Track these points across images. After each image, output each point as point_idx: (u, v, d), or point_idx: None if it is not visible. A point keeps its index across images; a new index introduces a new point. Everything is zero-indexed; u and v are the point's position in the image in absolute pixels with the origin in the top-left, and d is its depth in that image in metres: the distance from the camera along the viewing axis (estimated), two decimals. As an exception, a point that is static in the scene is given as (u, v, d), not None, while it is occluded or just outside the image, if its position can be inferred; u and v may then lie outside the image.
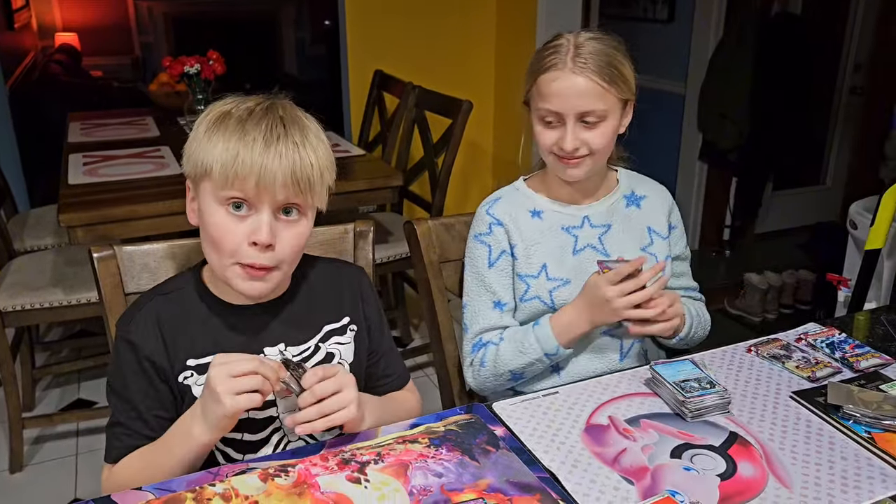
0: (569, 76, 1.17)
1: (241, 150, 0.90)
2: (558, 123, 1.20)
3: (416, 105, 2.72)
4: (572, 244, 1.28)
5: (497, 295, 1.28)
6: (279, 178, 0.91)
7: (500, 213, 1.29)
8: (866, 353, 1.18)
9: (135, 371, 0.98)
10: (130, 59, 6.43)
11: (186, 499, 0.85)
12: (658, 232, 1.34)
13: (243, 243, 0.93)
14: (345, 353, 1.08)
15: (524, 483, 0.89)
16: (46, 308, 2.02)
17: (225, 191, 0.92)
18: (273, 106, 0.95)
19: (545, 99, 1.19)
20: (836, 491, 0.88)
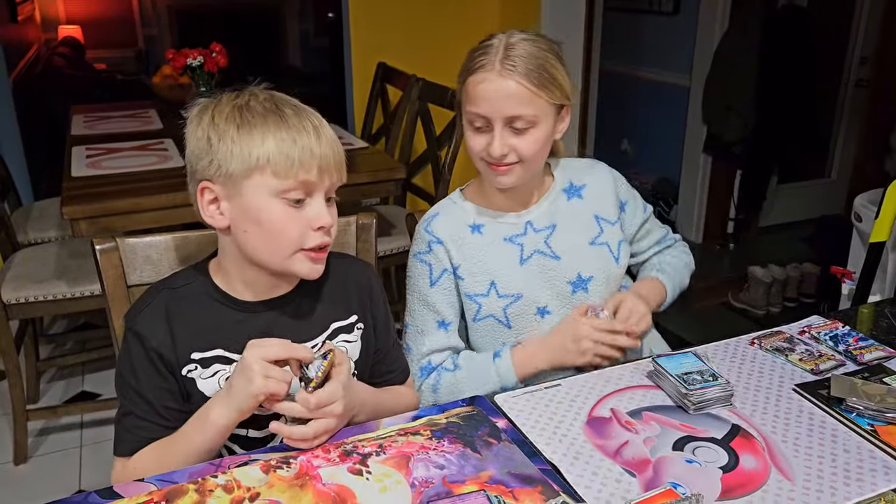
0: (496, 79, 1.12)
1: (297, 138, 0.93)
2: (487, 128, 1.16)
3: (420, 97, 2.71)
4: (518, 254, 1.24)
5: (441, 314, 1.24)
6: (332, 162, 0.95)
7: (439, 231, 1.24)
8: (870, 345, 1.18)
9: (144, 363, 0.98)
10: (134, 52, 6.43)
11: (189, 490, 0.86)
12: (606, 218, 1.30)
13: (307, 230, 0.96)
14: (352, 351, 1.08)
15: (526, 475, 0.89)
16: (50, 300, 2.03)
17: (286, 181, 0.93)
18: (273, 96, 0.98)
19: (473, 102, 1.15)
20: (838, 484, 0.88)
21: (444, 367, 1.25)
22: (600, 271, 1.27)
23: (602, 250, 1.28)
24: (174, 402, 0.99)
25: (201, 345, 0.99)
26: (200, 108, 0.97)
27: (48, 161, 3.01)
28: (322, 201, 0.97)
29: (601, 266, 1.27)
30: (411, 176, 2.71)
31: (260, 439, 1.03)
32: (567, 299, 1.25)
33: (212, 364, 0.99)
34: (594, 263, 1.27)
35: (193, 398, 0.99)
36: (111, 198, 1.87)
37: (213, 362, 0.99)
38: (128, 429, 0.98)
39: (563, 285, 1.25)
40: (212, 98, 0.97)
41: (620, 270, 1.30)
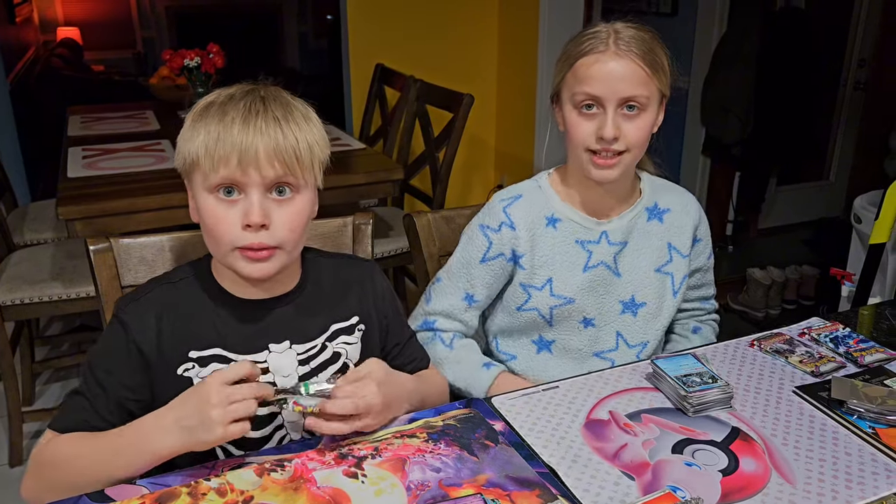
0: (612, 58, 1.10)
1: (220, 131, 0.90)
2: (598, 111, 1.12)
3: (418, 99, 2.71)
4: (584, 260, 1.22)
5: (474, 290, 1.24)
6: (261, 154, 0.89)
7: (516, 216, 1.21)
8: (870, 347, 1.17)
9: (119, 353, 0.96)
10: (132, 54, 6.43)
11: (181, 493, 0.85)
12: (678, 249, 1.27)
13: (237, 227, 0.92)
14: (351, 353, 1.06)
15: (523, 478, 0.87)
16: (46, 302, 2.01)
17: (212, 176, 0.91)
18: (255, 89, 0.95)
19: (584, 82, 1.11)
20: (839, 487, 0.87)
21: (443, 338, 1.25)
22: (655, 300, 1.25)
23: (665, 280, 1.26)
24: (131, 397, 0.96)
25: (199, 343, 0.98)
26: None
27: (45, 162, 3.00)
28: (256, 197, 0.91)
29: (658, 295, 1.25)
30: (409, 177, 2.70)
31: (258, 440, 1.01)
32: (614, 317, 1.24)
33: (210, 363, 0.97)
34: (652, 291, 1.25)
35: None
36: (107, 199, 1.86)
37: (210, 361, 0.97)
38: (73, 408, 0.96)
39: (614, 303, 1.24)
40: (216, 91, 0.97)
41: (675, 304, 1.28)
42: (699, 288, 1.37)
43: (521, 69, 3.24)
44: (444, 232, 1.38)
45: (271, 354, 1.00)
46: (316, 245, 1.27)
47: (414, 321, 1.28)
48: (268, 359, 1.00)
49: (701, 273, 1.35)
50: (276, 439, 1.02)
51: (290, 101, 0.96)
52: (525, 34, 3.16)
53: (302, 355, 1.02)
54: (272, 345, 1.00)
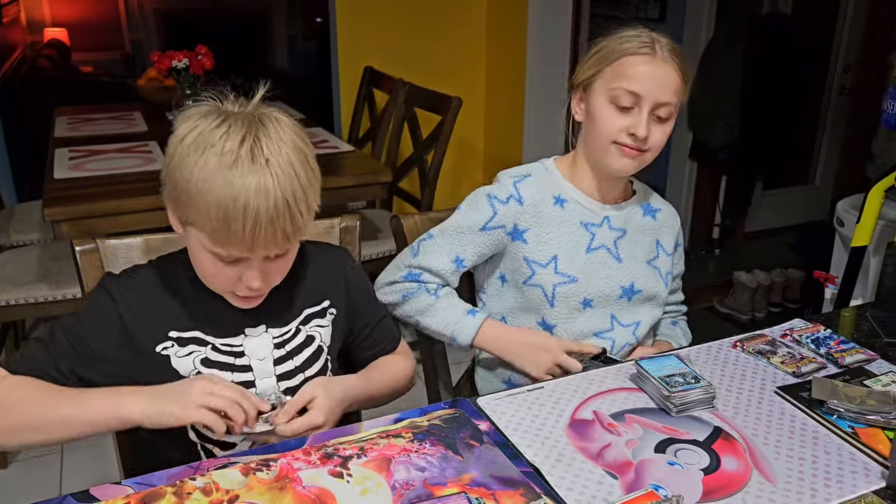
0: (659, 63, 1.17)
1: (229, 208, 0.86)
2: (632, 108, 1.18)
3: (406, 101, 2.71)
4: (588, 241, 1.27)
5: (465, 254, 1.27)
6: (269, 241, 0.90)
7: (524, 192, 1.25)
8: (851, 348, 1.18)
9: (103, 321, 0.99)
10: (121, 55, 6.40)
11: (167, 493, 0.85)
12: (664, 248, 1.35)
13: (236, 283, 0.95)
14: (324, 335, 1.10)
15: (507, 477, 0.88)
16: (32, 303, 2.01)
17: (216, 248, 0.91)
18: (257, 143, 0.88)
19: (628, 79, 1.16)
20: (819, 485, 0.88)
21: (427, 288, 1.28)
22: (650, 289, 1.31)
23: (655, 272, 1.33)
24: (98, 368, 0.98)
25: (180, 325, 1.01)
26: (185, 117, 0.92)
27: (32, 163, 2.98)
28: (256, 265, 0.93)
29: (653, 285, 1.31)
30: (398, 180, 2.71)
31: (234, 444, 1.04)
32: (611, 301, 1.29)
33: (188, 344, 1.01)
34: (648, 280, 1.31)
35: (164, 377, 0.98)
36: (94, 200, 1.85)
37: (189, 342, 1.01)
38: (34, 355, 0.98)
39: (614, 287, 1.28)
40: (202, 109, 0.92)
41: (664, 297, 1.34)
42: (675, 293, 1.45)
43: (509, 73, 3.25)
44: (431, 234, 1.39)
45: (247, 338, 1.03)
46: (303, 245, 1.28)
47: (396, 271, 1.30)
48: (244, 342, 1.03)
49: (676, 279, 1.42)
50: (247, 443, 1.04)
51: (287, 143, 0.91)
52: (513, 38, 3.18)
53: (277, 339, 1.05)
54: (248, 329, 1.04)
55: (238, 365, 1.02)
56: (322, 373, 1.09)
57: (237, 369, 1.02)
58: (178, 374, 0.99)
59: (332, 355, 1.12)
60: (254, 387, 1.03)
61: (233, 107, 0.93)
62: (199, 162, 0.87)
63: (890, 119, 1.99)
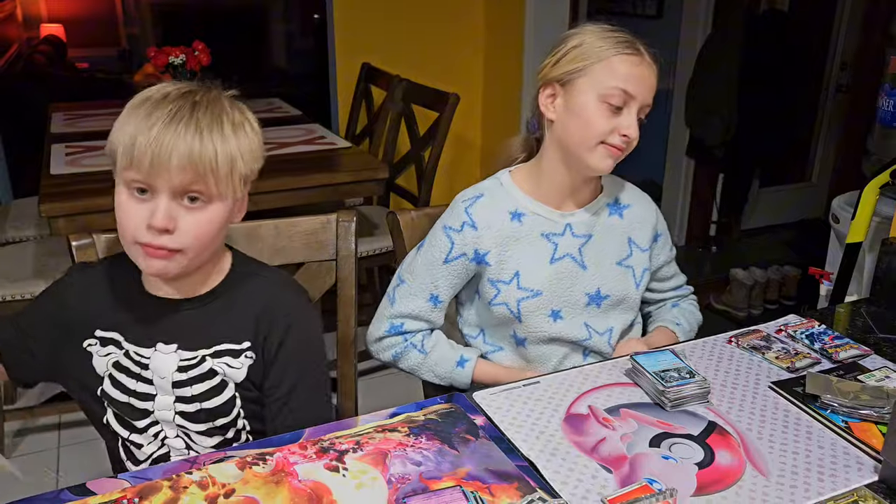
0: (647, 66, 1.16)
1: (141, 131, 0.90)
2: (619, 109, 1.15)
3: (403, 98, 2.71)
4: (550, 252, 1.24)
5: (438, 290, 1.25)
6: (174, 161, 0.90)
7: (477, 216, 1.23)
8: (845, 344, 1.19)
9: (49, 303, 1.05)
10: (117, 51, 6.38)
11: (163, 487, 0.85)
12: (638, 244, 1.31)
13: (141, 226, 0.93)
14: (231, 374, 1.03)
15: (502, 471, 0.89)
16: (28, 300, 2.00)
17: (125, 173, 0.92)
18: (192, 92, 0.94)
19: (623, 79, 1.14)
20: (812, 479, 0.89)
21: (413, 343, 1.28)
22: (618, 292, 1.28)
23: (626, 273, 1.29)
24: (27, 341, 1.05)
25: (105, 324, 1.03)
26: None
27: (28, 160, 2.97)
28: (164, 202, 0.92)
29: (621, 288, 1.28)
30: (395, 177, 2.71)
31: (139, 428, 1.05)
32: (580, 310, 1.26)
33: (108, 344, 1.03)
34: (615, 284, 1.27)
35: (84, 372, 1.03)
36: (90, 196, 1.85)
37: (109, 343, 1.03)
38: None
39: (580, 295, 1.25)
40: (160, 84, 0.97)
41: (637, 296, 1.31)
42: (670, 279, 1.41)
43: (506, 69, 3.25)
44: (428, 230, 1.39)
45: (156, 353, 1.02)
46: (299, 242, 1.28)
47: (380, 325, 1.28)
48: (152, 356, 1.02)
49: (667, 266, 1.39)
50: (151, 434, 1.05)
51: (226, 109, 0.95)
52: (511, 34, 3.18)
53: (184, 362, 1.02)
54: (161, 344, 1.02)
55: (143, 376, 1.02)
56: (227, 408, 1.03)
57: (142, 380, 1.02)
58: (96, 373, 1.03)
59: (245, 395, 1.04)
60: (152, 400, 1.02)
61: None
62: (133, 108, 0.93)
63: (886, 116, 2.00)
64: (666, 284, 1.41)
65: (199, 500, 0.83)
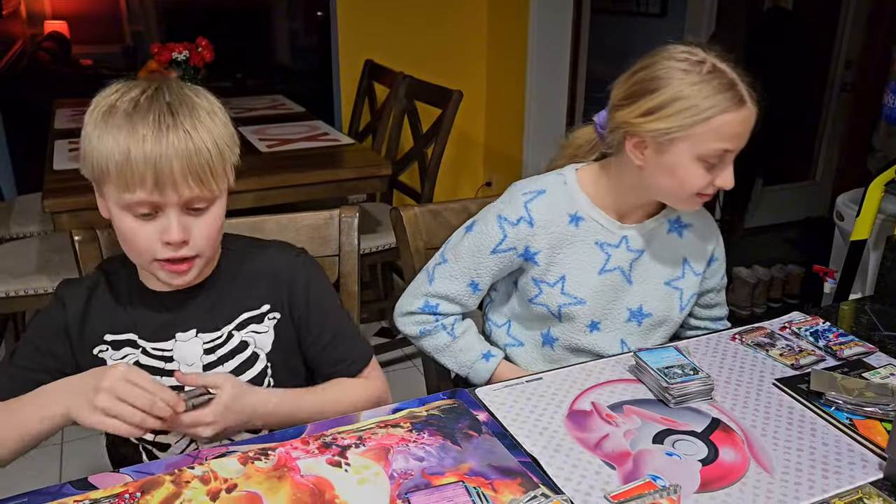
0: (748, 109, 1.08)
1: (131, 147, 0.86)
2: (720, 162, 1.09)
3: (407, 95, 2.71)
4: (602, 263, 1.20)
5: (479, 278, 1.24)
6: (177, 172, 0.88)
7: (536, 212, 1.18)
8: (850, 341, 1.18)
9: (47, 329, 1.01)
10: (121, 48, 6.38)
11: (165, 481, 0.85)
12: (693, 267, 1.26)
13: (156, 243, 0.92)
14: (261, 341, 1.05)
15: (506, 467, 0.88)
16: (31, 295, 2.01)
17: (126, 196, 0.89)
18: (158, 91, 0.91)
19: (725, 139, 1.06)
20: (816, 476, 0.88)
21: (444, 325, 1.27)
22: (661, 312, 1.24)
23: (673, 294, 1.25)
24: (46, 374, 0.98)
25: (115, 328, 1.02)
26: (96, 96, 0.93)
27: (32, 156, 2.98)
28: (174, 216, 0.91)
29: (664, 308, 1.25)
30: (398, 173, 2.71)
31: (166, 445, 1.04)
32: (619, 325, 1.24)
33: (122, 346, 1.02)
34: (659, 303, 1.24)
35: None
36: (94, 191, 1.84)
37: (124, 345, 1.02)
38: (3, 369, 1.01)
39: (621, 310, 1.23)
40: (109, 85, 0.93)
41: (680, 319, 1.27)
42: (712, 308, 1.36)
43: (510, 66, 3.25)
44: (432, 226, 1.39)
45: (177, 343, 1.02)
46: (303, 238, 1.28)
47: (413, 300, 1.27)
48: (174, 347, 1.02)
49: (714, 293, 1.34)
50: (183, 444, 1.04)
51: (193, 98, 0.93)
52: (515, 31, 3.17)
53: (208, 344, 1.03)
54: (179, 333, 1.03)
55: (167, 370, 1.01)
56: (259, 380, 1.05)
57: (167, 374, 1.01)
58: None
59: (278, 364, 1.07)
60: (182, 391, 1.00)
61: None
62: (103, 117, 0.89)
63: (892, 113, 1.99)
64: (706, 312, 1.36)
65: (201, 495, 0.83)
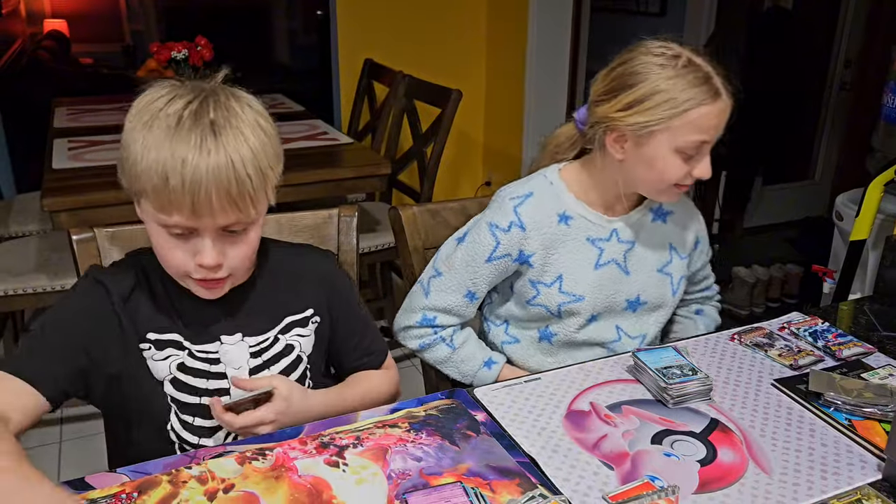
0: (724, 102, 1.10)
1: (170, 168, 0.84)
2: (697, 153, 1.12)
3: (406, 94, 2.71)
4: (595, 258, 1.22)
5: (476, 287, 1.24)
6: (214, 201, 0.85)
7: (527, 216, 1.19)
8: (848, 341, 1.18)
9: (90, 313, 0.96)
10: (121, 47, 6.37)
11: (162, 481, 0.85)
12: (678, 251, 1.29)
13: (190, 263, 0.91)
14: (304, 344, 1.07)
15: (504, 467, 0.88)
16: (31, 294, 2.00)
17: (162, 216, 0.87)
18: (203, 105, 0.87)
19: (702, 131, 1.09)
20: (815, 477, 0.88)
21: (443, 336, 1.27)
22: (656, 299, 1.27)
23: (665, 280, 1.27)
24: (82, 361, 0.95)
25: (158, 326, 0.99)
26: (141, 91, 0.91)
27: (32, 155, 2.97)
28: (209, 240, 0.89)
29: (659, 294, 1.27)
30: (397, 172, 2.70)
31: (208, 428, 1.02)
32: (619, 314, 1.26)
33: (166, 347, 0.99)
34: (654, 290, 1.26)
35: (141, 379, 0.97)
36: (92, 190, 1.85)
37: (167, 346, 0.99)
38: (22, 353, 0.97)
39: (620, 300, 1.25)
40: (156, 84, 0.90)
41: (674, 303, 1.30)
42: (701, 282, 1.40)
43: (509, 65, 3.24)
44: (430, 225, 1.39)
45: (223, 346, 1.01)
46: (301, 238, 1.27)
47: (411, 314, 1.27)
48: (219, 350, 1.01)
49: (702, 269, 1.38)
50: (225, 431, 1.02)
51: (238, 112, 0.89)
52: (514, 30, 3.17)
53: (254, 347, 1.02)
54: (224, 336, 1.01)
55: (213, 372, 1.00)
56: (300, 382, 1.06)
57: (212, 376, 1.00)
58: (154, 378, 0.98)
59: (314, 365, 1.09)
60: (228, 395, 1.01)
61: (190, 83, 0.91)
62: (146, 125, 0.86)
63: (891, 113, 1.99)
64: (696, 287, 1.39)
65: (198, 495, 0.82)
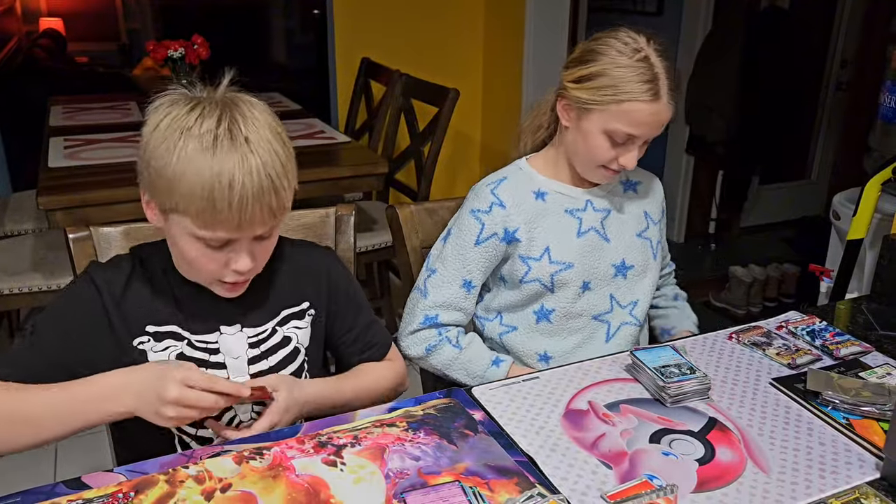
0: (661, 107, 1.16)
1: (217, 194, 0.86)
2: (624, 143, 1.18)
3: (403, 93, 2.70)
4: (576, 227, 1.27)
5: (471, 274, 1.26)
6: (257, 217, 0.89)
7: (503, 195, 1.25)
8: (846, 340, 1.18)
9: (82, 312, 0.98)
10: (117, 46, 6.35)
11: (159, 481, 0.84)
12: (652, 217, 1.35)
13: (222, 269, 0.94)
14: (301, 337, 1.09)
15: (502, 467, 0.88)
16: (26, 293, 2.00)
17: (203, 231, 0.89)
18: (234, 123, 0.88)
19: (631, 124, 1.16)
20: (813, 476, 0.88)
21: (448, 338, 1.27)
22: (640, 262, 1.32)
23: (646, 244, 1.33)
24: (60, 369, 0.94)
25: (157, 319, 1.00)
26: (155, 107, 0.92)
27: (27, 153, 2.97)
28: (246, 249, 0.93)
29: (643, 258, 1.32)
30: (394, 171, 2.70)
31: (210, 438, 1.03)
32: (608, 281, 1.29)
33: (165, 338, 1.00)
34: (638, 254, 1.31)
35: None
36: (88, 189, 1.84)
37: (166, 337, 1.00)
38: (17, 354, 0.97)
39: (607, 267, 1.29)
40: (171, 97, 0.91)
41: (657, 266, 1.35)
42: (666, 256, 1.46)
43: (507, 64, 3.24)
44: (427, 224, 1.38)
45: (222, 336, 1.03)
46: (298, 235, 1.27)
47: (413, 318, 1.29)
48: (219, 340, 1.02)
49: (664, 240, 1.43)
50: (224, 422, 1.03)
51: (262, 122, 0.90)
52: (511, 29, 3.17)
53: (252, 339, 1.04)
54: (223, 327, 1.03)
55: (212, 362, 1.02)
56: (298, 374, 1.08)
57: (211, 366, 1.01)
58: None
59: (312, 357, 1.11)
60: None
61: (201, 93, 0.92)
62: (178, 146, 0.86)
63: (888, 112, 1.99)
64: (664, 262, 1.44)
65: (195, 495, 0.82)
